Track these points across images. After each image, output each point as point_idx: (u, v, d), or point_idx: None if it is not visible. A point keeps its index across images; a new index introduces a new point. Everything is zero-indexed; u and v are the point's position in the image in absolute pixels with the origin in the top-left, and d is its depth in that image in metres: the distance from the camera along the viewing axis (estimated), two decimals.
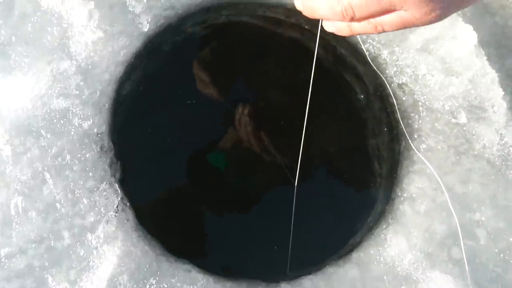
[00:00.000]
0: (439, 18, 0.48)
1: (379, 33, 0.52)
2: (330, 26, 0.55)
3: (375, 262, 0.73)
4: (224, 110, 0.90)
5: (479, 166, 0.80)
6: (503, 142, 0.80)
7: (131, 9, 0.77)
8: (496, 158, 0.80)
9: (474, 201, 0.78)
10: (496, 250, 0.76)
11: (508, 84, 0.83)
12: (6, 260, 0.64)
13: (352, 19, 0.50)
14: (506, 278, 0.75)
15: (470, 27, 0.81)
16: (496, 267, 0.75)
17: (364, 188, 0.88)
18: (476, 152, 0.80)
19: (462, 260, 0.74)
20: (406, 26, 0.50)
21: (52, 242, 0.66)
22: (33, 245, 0.65)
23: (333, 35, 0.82)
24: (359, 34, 0.54)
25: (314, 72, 0.64)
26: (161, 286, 0.67)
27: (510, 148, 0.80)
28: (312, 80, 0.68)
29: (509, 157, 0.80)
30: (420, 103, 0.82)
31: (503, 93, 0.82)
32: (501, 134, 0.80)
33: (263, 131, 0.82)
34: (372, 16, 0.49)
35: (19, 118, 0.69)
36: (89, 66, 0.72)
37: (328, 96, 0.95)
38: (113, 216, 0.68)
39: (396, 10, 0.48)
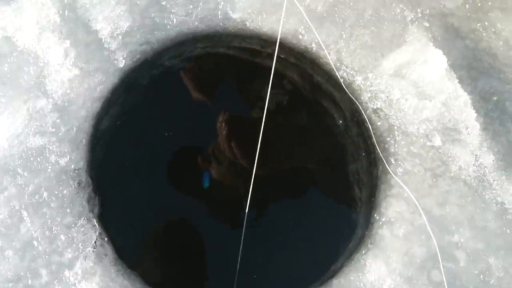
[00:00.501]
0: None
1: None
2: None
3: None
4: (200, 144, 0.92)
5: (456, 187, 0.82)
6: (479, 163, 0.82)
7: (107, 46, 0.79)
8: (473, 180, 0.82)
9: (452, 223, 0.79)
10: (476, 272, 0.77)
11: (481, 106, 0.86)
12: None
13: None
14: None
15: (441, 51, 0.84)
16: None
17: (345, 213, 0.90)
18: (452, 174, 0.82)
19: (442, 283, 0.75)
20: None
21: (29, 280, 0.67)
22: (10, 285, 0.66)
23: (310, 64, 0.85)
24: None
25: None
26: None
27: (485, 168, 0.82)
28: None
29: (485, 178, 0.82)
30: (395, 127, 0.84)
31: (476, 114, 0.85)
32: (476, 155, 0.83)
33: (236, 140, 0.84)
34: None
35: None
36: (66, 104, 0.75)
37: (307, 122, 0.98)
38: (91, 251, 0.69)
39: None
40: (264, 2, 0.87)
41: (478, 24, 0.93)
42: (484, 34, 0.93)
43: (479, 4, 0.95)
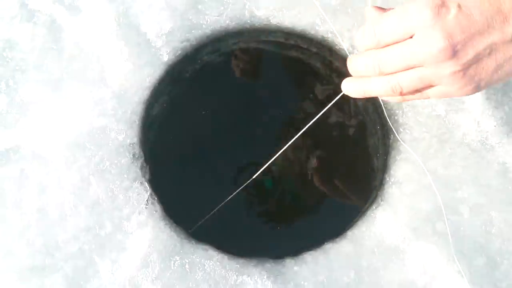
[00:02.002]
0: (474, 91, 0.60)
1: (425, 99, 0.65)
2: (385, 97, 0.68)
3: (367, 237, 0.90)
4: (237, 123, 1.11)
5: (460, 151, 0.95)
6: (481, 128, 0.96)
7: (153, 44, 1.01)
8: (476, 143, 0.95)
9: (457, 181, 0.93)
10: (478, 223, 0.90)
11: None
12: (62, 245, 0.87)
13: (401, 94, 0.62)
14: (488, 247, 0.89)
15: None
16: (479, 237, 0.89)
17: (365, 181, 1.05)
18: (456, 139, 0.96)
19: (446, 233, 0.88)
20: (448, 96, 0.62)
21: (97, 230, 0.88)
22: (83, 233, 0.88)
23: (328, 51, 1.03)
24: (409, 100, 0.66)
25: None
26: (184, 261, 0.87)
27: (487, 133, 0.95)
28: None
29: (487, 141, 0.95)
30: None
31: None
32: (478, 121, 0.96)
33: None
34: (418, 90, 0.62)
35: (69, 135, 0.93)
36: (122, 92, 0.97)
37: (333, 105, 1.14)
38: (144, 208, 0.90)
39: (436, 85, 0.60)
40: (283, 0, 1.06)
41: None
42: None
43: None
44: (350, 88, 0.69)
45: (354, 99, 1.08)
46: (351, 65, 0.67)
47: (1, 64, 1.00)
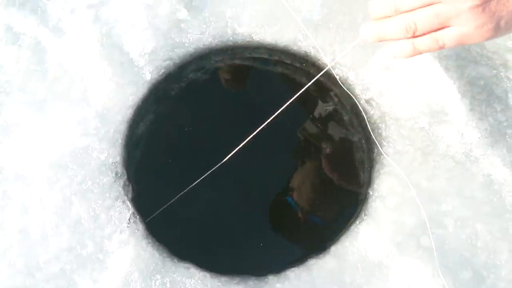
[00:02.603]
0: (492, 33, 0.58)
1: (441, 49, 0.61)
2: (395, 49, 0.65)
3: (350, 253, 0.90)
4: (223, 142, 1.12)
5: (444, 163, 0.95)
6: (465, 140, 0.96)
7: (136, 64, 1.03)
8: (460, 155, 0.96)
9: (441, 194, 0.93)
10: (464, 236, 0.90)
11: (468, 89, 1.00)
12: (44, 265, 0.88)
13: (414, 34, 0.60)
14: (474, 261, 0.88)
15: None
16: (465, 251, 0.89)
17: (351, 195, 1.05)
18: (440, 152, 0.96)
19: (431, 247, 0.88)
20: (464, 39, 0.59)
21: (79, 250, 0.89)
22: (64, 253, 0.89)
23: (312, 66, 1.04)
24: (422, 52, 0.62)
25: None
26: (165, 280, 0.87)
27: (471, 144, 0.96)
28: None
29: (471, 153, 0.95)
30: (386, 114, 1.00)
31: (462, 97, 0.98)
32: (462, 133, 0.96)
33: None
34: (433, 30, 0.60)
35: (52, 155, 0.95)
36: (104, 111, 0.98)
37: (320, 120, 1.15)
38: (126, 227, 0.91)
39: (452, 26, 0.58)
40: (265, 16, 1.08)
41: None
42: None
43: None
44: (367, 31, 0.66)
45: (341, 114, 1.09)
46: (370, 7, 0.66)
47: None
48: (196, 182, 0.93)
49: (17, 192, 0.93)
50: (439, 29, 0.60)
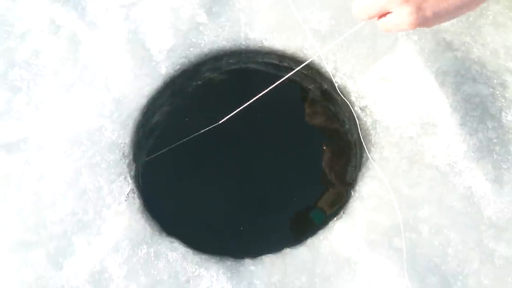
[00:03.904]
0: (420, 21, 0.69)
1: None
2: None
3: (323, 246, 0.96)
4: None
5: (428, 172, 1.00)
6: (450, 152, 1.00)
7: (155, 59, 1.16)
8: (444, 166, 1.00)
9: (420, 201, 0.97)
10: (436, 243, 0.94)
11: (462, 105, 1.04)
12: (50, 225, 1.00)
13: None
14: (443, 268, 0.92)
15: (427, 60, 1.06)
16: (435, 257, 0.93)
17: (334, 194, 1.11)
18: (426, 161, 1.01)
19: (402, 249, 0.92)
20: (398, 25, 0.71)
21: (81, 215, 1.01)
22: (68, 217, 1.01)
23: (318, 74, 1.13)
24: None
25: None
26: (150, 250, 0.97)
27: (456, 156, 0.99)
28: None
29: (456, 165, 0.99)
30: (377, 121, 1.06)
31: (454, 112, 1.03)
32: (448, 145, 1.00)
33: None
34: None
35: (70, 131, 1.08)
36: (121, 98, 1.11)
37: (323, 129, 1.23)
38: (124, 200, 1.02)
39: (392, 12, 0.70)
40: (276, 24, 1.17)
41: (469, 38, 1.11)
42: (474, 46, 1.11)
43: (471, 19, 1.13)
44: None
45: (343, 121, 1.16)
46: None
47: (26, 69, 1.18)
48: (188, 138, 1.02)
49: (37, 160, 1.07)
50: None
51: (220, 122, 1.02)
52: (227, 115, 1.27)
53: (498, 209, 0.94)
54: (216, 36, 1.18)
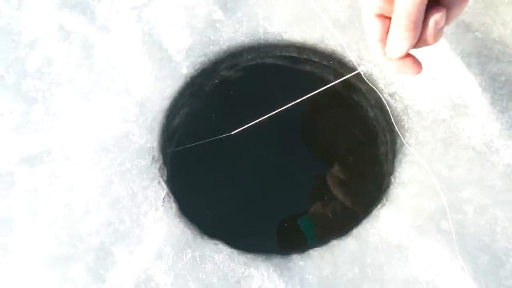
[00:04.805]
0: None
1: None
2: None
3: (371, 235, 0.95)
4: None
5: (465, 153, 1.00)
6: (485, 131, 1.01)
7: (174, 59, 1.13)
8: (480, 146, 1.00)
9: (461, 182, 0.98)
10: (483, 222, 0.94)
11: (489, 84, 1.05)
12: (85, 238, 0.97)
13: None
14: (493, 246, 0.92)
15: (450, 42, 1.06)
16: (484, 236, 0.93)
17: (376, 185, 1.10)
18: (461, 143, 1.01)
19: (450, 231, 0.92)
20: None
21: (117, 224, 0.98)
22: (104, 227, 0.97)
23: (339, 64, 1.12)
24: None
25: None
26: (195, 254, 0.95)
27: (491, 135, 1.00)
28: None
29: (492, 144, 1.00)
30: (408, 107, 1.06)
31: (483, 91, 1.03)
32: (483, 125, 1.01)
33: None
34: None
35: (95, 139, 1.05)
36: (144, 101, 1.08)
37: (347, 116, 1.22)
38: (160, 205, 0.99)
39: None
40: (295, 16, 1.16)
41: (488, 18, 1.12)
42: (494, 26, 1.12)
43: (489, 1, 1.15)
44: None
45: (367, 109, 1.16)
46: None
47: (39, 78, 1.14)
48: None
49: (63, 171, 1.03)
50: None
51: (249, 125, 0.99)
52: (245, 113, 1.25)
53: None
54: (234, 32, 1.16)
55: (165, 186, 1.02)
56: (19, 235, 0.98)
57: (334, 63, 1.18)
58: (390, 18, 0.56)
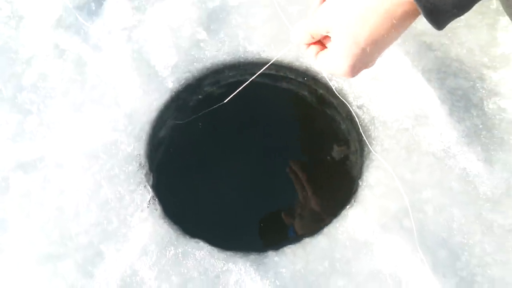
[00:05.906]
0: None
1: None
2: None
3: (340, 233, 1.04)
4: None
5: (426, 159, 1.10)
6: (444, 139, 1.11)
7: (160, 74, 1.23)
8: (439, 152, 1.11)
9: (422, 185, 1.07)
10: (441, 220, 1.03)
11: (447, 98, 1.16)
12: (75, 237, 1.04)
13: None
14: (450, 241, 1.01)
15: (413, 60, 1.17)
16: (442, 232, 1.02)
17: (347, 190, 1.19)
18: (422, 149, 1.11)
19: (412, 228, 1.02)
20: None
21: (105, 225, 1.05)
22: (93, 227, 1.05)
23: (313, 80, 1.23)
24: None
25: None
26: (177, 251, 1.03)
27: (449, 142, 1.11)
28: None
29: (449, 150, 1.10)
30: (375, 117, 1.16)
31: (440, 103, 1.14)
32: (441, 133, 1.12)
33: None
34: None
35: (86, 147, 1.13)
36: (132, 112, 1.17)
37: (321, 131, 1.32)
38: (146, 207, 1.07)
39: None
40: (272, 38, 1.27)
41: (446, 39, 1.25)
42: (451, 46, 1.24)
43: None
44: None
45: (339, 122, 1.27)
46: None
47: (34, 92, 1.23)
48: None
49: (56, 177, 1.11)
50: None
51: (238, 90, 1.08)
52: (226, 125, 1.35)
53: (491, 185, 1.05)
54: (217, 51, 1.27)
55: (150, 190, 1.11)
56: (12, 235, 1.05)
57: (308, 80, 1.29)
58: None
